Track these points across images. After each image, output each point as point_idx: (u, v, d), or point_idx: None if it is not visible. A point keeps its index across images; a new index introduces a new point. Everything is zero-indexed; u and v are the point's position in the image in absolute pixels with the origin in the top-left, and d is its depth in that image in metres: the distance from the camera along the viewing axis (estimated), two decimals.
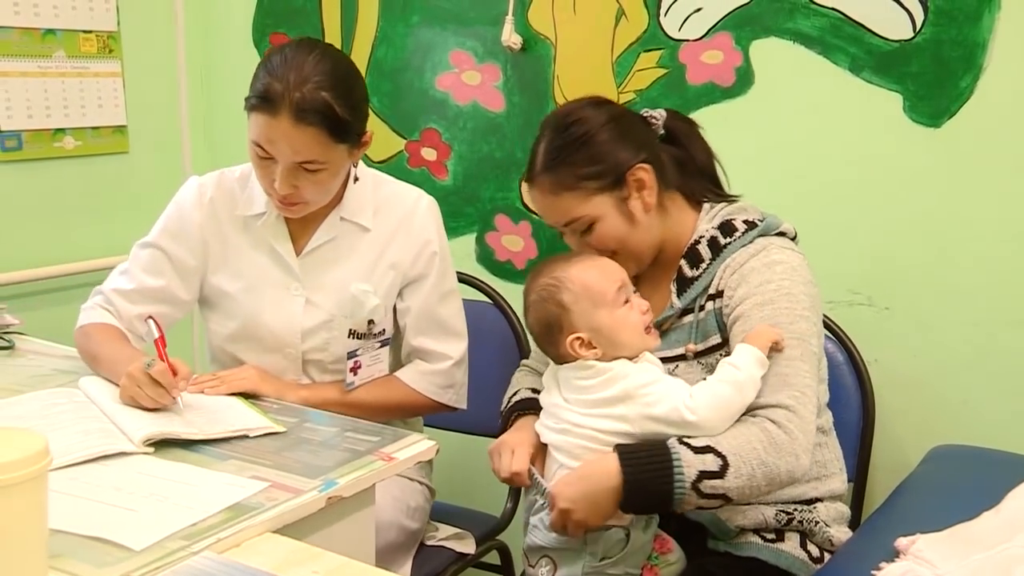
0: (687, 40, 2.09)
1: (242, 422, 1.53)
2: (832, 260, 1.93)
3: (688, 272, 1.56)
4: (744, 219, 1.56)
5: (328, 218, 1.77)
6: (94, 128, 2.52)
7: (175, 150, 2.75)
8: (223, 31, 2.75)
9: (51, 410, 1.53)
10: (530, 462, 1.52)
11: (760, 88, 2.02)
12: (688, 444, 1.38)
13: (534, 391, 1.64)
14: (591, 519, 1.42)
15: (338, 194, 1.76)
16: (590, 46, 2.20)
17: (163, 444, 1.43)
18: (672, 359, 1.55)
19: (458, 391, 1.85)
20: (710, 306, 1.53)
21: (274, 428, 1.52)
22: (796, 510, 1.54)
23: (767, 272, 1.49)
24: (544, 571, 1.49)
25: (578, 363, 1.48)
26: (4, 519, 0.96)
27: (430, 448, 1.51)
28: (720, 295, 1.52)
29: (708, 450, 1.37)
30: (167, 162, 2.72)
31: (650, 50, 2.14)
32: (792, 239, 1.58)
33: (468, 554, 1.92)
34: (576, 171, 1.54)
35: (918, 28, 1.86)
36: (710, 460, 1.37)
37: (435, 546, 1.90)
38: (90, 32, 2.48)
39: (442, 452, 1.57)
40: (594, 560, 1.45)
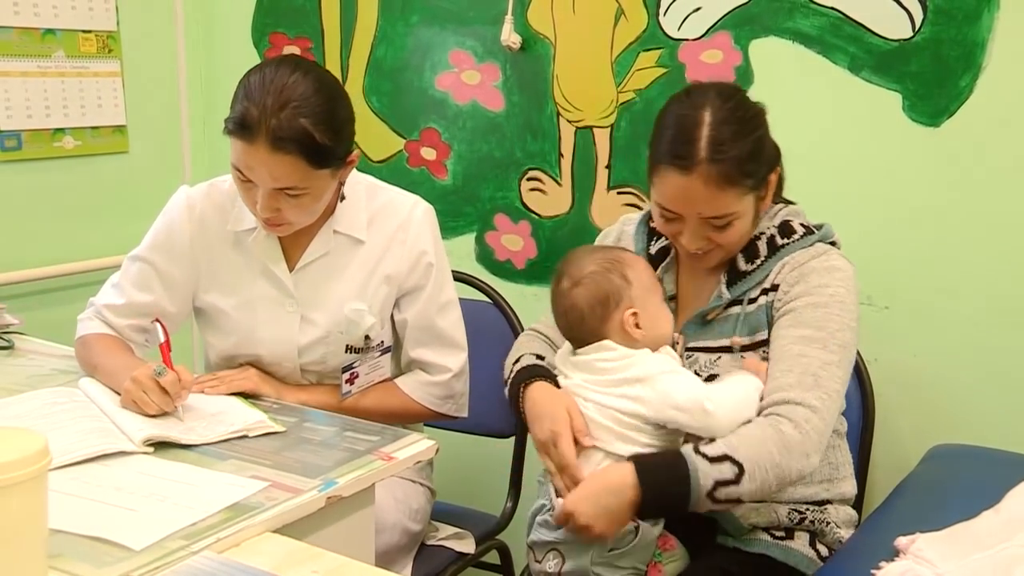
0: (686, 39, 2.09)
1: (242, 421, 1.53)
2: None
3: (742, 266, 1.56)
4: (801, 223, 1.58)
5: (321, 231, 1.73)
6: (94, 128, 2.52)
7: (175, 150, 2.75)
8: (223, 31, 2.74)
9: (51, 409, 1.53)
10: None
11: (759, 88, 2.01)
12: (703, 453, 1.39)
13: (539, 357, 1.65)
14: (609, 531, 1.43)
15: (330, 205, 1.72)
16: (589, 45, 2.20)
17: (163, 444, 1.44)
18: (716, 350, 1.55)
19: (458, 401, 1.84)
20: (763, 300, 1.54)
21: (274, 427, 1.52)
22: (808, 510, 1.55)
23: (826, 276, 1.51)
24: (552, 564, 1.49)
25: (600, 344, 1.50)
26: (4, 519, 0.96)
27: (430, 448, 1.51)
28: (775, 288, 1.53)
29: (725, 459, 1.38)
30: (167, 162, 2.72)
31: (649, 49, 2.14)
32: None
33: (468, 554, 1.92)
34: (742, 167, 1.47)
35: (917, 27, 1.86)
36: (727, 468, 1.38)
37: (435, 546, 1.90)
38: (90, 32, 2.48)
39: (442, 452, 1.57)
40: (603, 551, 1.46)
